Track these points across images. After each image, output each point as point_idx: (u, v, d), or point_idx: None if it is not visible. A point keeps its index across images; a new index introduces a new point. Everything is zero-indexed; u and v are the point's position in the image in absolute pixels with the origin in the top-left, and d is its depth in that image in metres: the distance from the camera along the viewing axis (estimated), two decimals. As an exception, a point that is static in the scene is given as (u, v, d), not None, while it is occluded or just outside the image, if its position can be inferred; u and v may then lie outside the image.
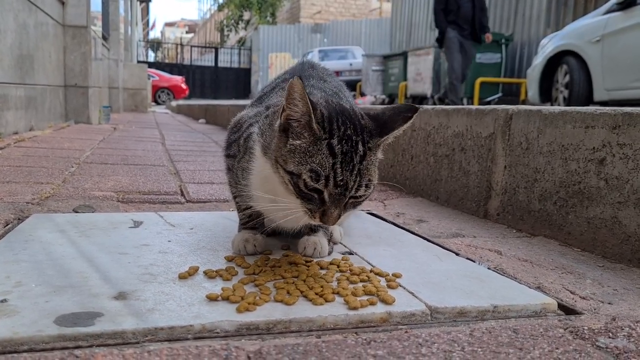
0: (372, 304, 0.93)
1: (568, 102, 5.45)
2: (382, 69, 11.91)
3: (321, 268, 1.13)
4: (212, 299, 0.92)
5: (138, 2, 17.35)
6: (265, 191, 1.07)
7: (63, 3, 5.11)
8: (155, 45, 33.63)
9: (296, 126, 0.97)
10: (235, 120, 1.26)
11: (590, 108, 1.42)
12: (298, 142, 0.97)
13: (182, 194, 1.96)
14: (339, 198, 0.96)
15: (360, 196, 0.99)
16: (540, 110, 1.58)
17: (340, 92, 1.33)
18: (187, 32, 57.84)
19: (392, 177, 2.39)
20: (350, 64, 15.10)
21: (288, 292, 0.96)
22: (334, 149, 0.95)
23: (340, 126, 0.97)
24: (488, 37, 7.03)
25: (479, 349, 0.77)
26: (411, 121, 1.03)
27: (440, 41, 7.07)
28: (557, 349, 0.78)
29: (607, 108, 1.38)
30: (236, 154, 1.18)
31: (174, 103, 14.93)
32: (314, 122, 0.95)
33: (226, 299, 0.92)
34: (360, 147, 0.97)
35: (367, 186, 0.98)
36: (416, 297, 0.98)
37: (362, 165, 0.97)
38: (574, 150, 1.44)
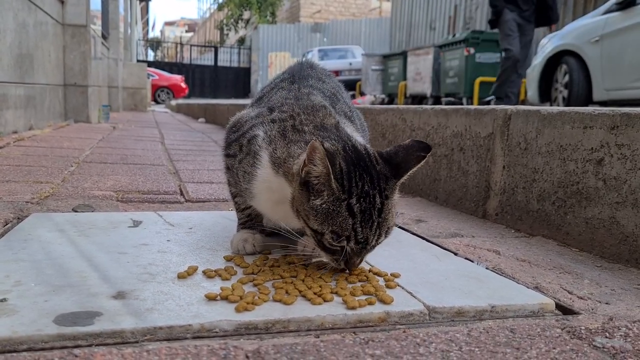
0: (371, 303, 0.93)
1: (567, 102, 5.45)
2: (382, 69, 11.92)
3: (320, 268, 1.13)
4: (211, 298, 0.92)
5: (138, 1, 17.34)
6: (268, 199, 1.10)
7: (62, 2, 5.11)
8: (155, 44, 33.61)
9: (316, 183, 0.98)
10: (235, 119, 1.26)
11: (589, 108, 1.43)
12: (319, 202, 0.98)
13: (182, 194, 1.97)
14: (360, 251, 1.00)
15: (382, 241, 1.03)
16: (539, 110, 1.58)
17: (339, 93, 1.33)
18: (186, 31, 57.83)
19: (391, 177, 2.39)
20: (350, 64, 15.11)
21: (287, 292, 0.96)
22: (353, 209, 0.96)
23: (359, 182, 0.97)
24: (552, 28, 6.10)
25: (477, 349, 0.77)
26: (425, 160, 1.02)
27: (494, 22, 6.10)
28: (554, 348, 0.79)
29: (606, 108, 1.38)
30: (236, 154, 1.18)
31: (173, 102, 14.93)
32: (333, 181, 0.96)
33: (225, 298, 0.92)
34: (378, 200, 0.98)
35: (387, 233, 1.02)
36: (414, 296, 0.99)
37: (382, 218, 0.99)
38: (572, 151, 1.44)
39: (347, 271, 1.05)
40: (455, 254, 1.31)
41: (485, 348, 0.78)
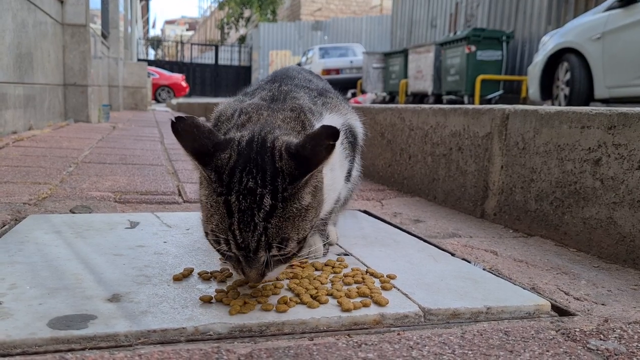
0: (366, 305, 0.93)
1: (569, 99, 5.44)
2: (383, 67, 11.90)
3: (316, 269, 1.13)
4: (205, 301, 0.92)
5: (138, 0, 17.33)
6: None
7: (62, 2, 5.11)
8: (156, 43, 33.61)
9: (201, 173, 0.87)
10: (215, 116, 1.20)
11: (586, 108, 1.42)
12: (202, 192, 0.88)
13: (180, 194, 1.97)
14: (248, 260, 0.86)
15: (283, 255, 0.86)
16: (537, 110, 1.58)
17: (328, 89, 1.32)
18: (187, 30, 57.80)
19: (390, 177, 2.39)
20: (351, 62, 15.07)
21: (285, 303, 0.92)
22: (231, 206, 0.83)
23: (243, 178, 0.84)
24: None
25: (470, 352, 0.77)
26: (334, 149, 0.84)
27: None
28: (547, 351, 0.78)
29: (603, 108, 1.37)
30: None
31: (174, 101, 14.93)
32: (202, 169, 0.85)
33: (219, 301, 0.92)
34: (267, 201, 0.83)
35: (279, 247, 0.84)
36: (410, 298, 0.99)
37: (270, 223, 0.83)
38: (569, 151, 1.44)
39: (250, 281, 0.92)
40: (453, 255, 1.31)
41: (479, 351, 0.78)
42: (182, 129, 0.87)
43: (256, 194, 0.83)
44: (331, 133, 0.83)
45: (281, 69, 1.39)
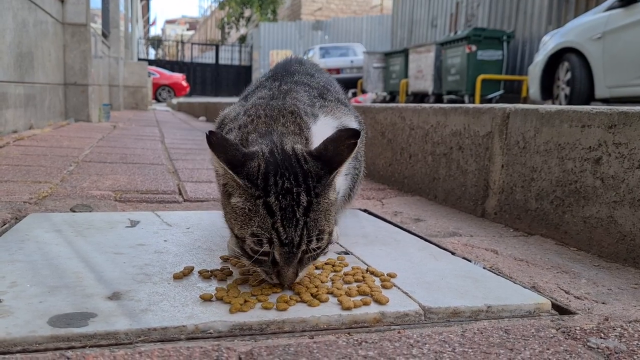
0: (366, 304, 0.93)
1: (569, 99, 5.44)
2: (383, 66, 11.90)
3: (316, 268, 1.13)
4: (205, 299, 0.92)
5: (138, 0, 17.33)
6: None
7: (62, 1, 5.11)
8: (156, 42, 33.61)
9: (226, 182, 0.95)
10: (219, 119, 1.25)
11: (587, 107, 1.42)
12: (236, 200, 0.93)
13: (180, 193, 1.97)
14: (289, 256, 0.91)
15: (316, 249, 0.93)
16: (537, 109, 1.57)
17: (329, 87, 1.32)
18: (187, 30, 57.81)
19: (391, 176, 2.39)
20: (352, 61, 15.08)
21: (285, 302, 0.92)
22: (272, 206, 0.90)
23: (278, 180, 0.91)
24: None
25: (470, 350, 0.77)
26: (357, 147, 0.95)
27: None
28: (547, 349, 0.78)
29: (604, 107, 1.37)
30: None
31: (174, 101, 14.93)
32: (236, 177, 0.91)
33: (220, 299, 0.92)
34: (304, 198, 0.91)
35: (318, 239, 0.92)
36: (410, 297, 0.99)
37: (309, 218, 0.91)
38: (570, 150, 1.44)
39: (283, 285, 0.96)
40: (453, 254, 1.31)
41: (479, 349, 0.78)
42: (216, 141, 0.94)
43: (293, 193, 0.91)
44: (352, 134, 0.95)
45: (282, 61, 1.39)
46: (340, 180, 1.21)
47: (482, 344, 0.79)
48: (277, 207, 0.90)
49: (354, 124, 1.30)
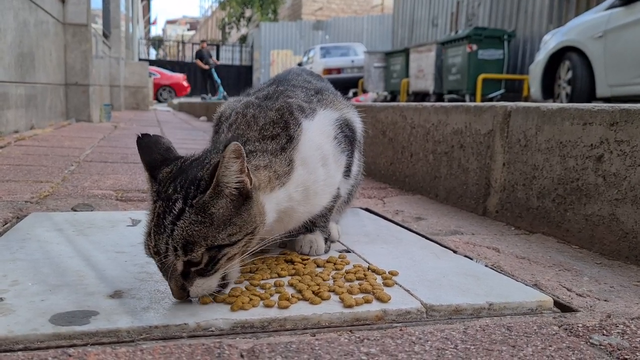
0: (368, 302, 0.93)
1: (571, 98, 5.43)
2: (384, 66, 11.89)
3: (318, 266, 1.13)
4: (206, 300, 0.92)
5: (139, 0, 17.35)
6: None
7: (63, 1, 5.12)
8: (157, 42, 33.63)
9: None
10: (217, 116, 1.24)
11: (588, 105, 1.42)
12: (148, 202, 0.96)
13: (181, 192, 1.97)
14: (163, 267, 0.87)
15: (195, 262, 0.86)
16: (539, 107, 1.57)
17: (327, 89, 1.32)
18: (188, 30, 57.85)
19: (392, 175, 2.38)
20: (352, 61, 15.06)
21: (286, 299, 0.92)
22: (153, 212, 0.89)
23: (169, 187, 0.89)
24: None
25: (472, 347, 0.77)
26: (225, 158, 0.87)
27: None
28: (550, 346, 0.78)
29: (605, 105, 1.37)
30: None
31: (175, 101, 14.94)
32: (149, 182, 0.94)
33: (221, 301, 0.92)
34: (178, 205, 0.86)
35: (186, 250, 0.84)
36: (412, 294, 0.98)
37: (176, 226, 0.84)
38: (572, 147, 1.43)
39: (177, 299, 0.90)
40: (455, 252, 1.31)
41: (481, 346, 0.77)
42: (144, 143, 0.99)
43: (171, 200, 0.88)
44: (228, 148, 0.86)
45: (283, 72, 1.40)
46: (340, 177, 1.21)
47: (484, 341, 0.79)
48: (156, 213, 0.88)
49: (355, 117, 1.30)
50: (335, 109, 1.22)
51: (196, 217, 0.86)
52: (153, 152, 0.98)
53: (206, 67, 15.52)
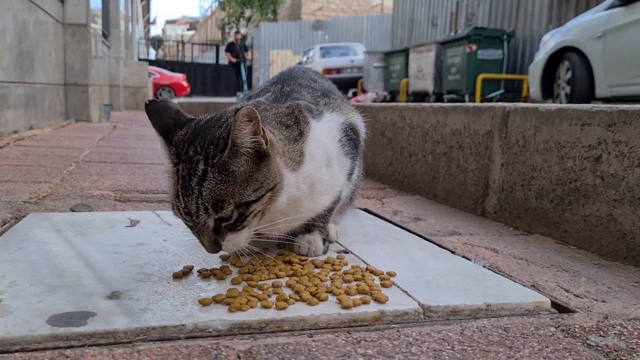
0: (365, 302, 0.93)
1: (570, 98, 5.43)
2: (384, 66, 11.89)
3: (316, 267, 1.13)
4: (204, 301, 0.92)
5: (139, 0, 17.34)
6: None
7: (62, 1, 5.12)
8: (157, 42, 33.63)
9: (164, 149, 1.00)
10: None
11: (586, 106, 1.42)
12: (166, 166, 0.98)
13: (180, 193, 1.97)
14: (195, 226, 0.94)
15: (225, 218, 0.92)
16: (537, 107, 1.57)
17: (332, 90, 1.33)
18: (188, 30, 57.85)
19: (391, 175, 2.38)
20: (352, 61, 15.05)
21: (284, 300, 0.92)
22: (177, 174, 0.93)
23: (189, 148, 0.93)
24: None
25: (469, 348, 0.77)
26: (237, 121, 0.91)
27: None
28: (546, 347, 0.78)
29: (603, 106, 1.37)
30: None
31: (175, 101, 14.92)
32: (164, 143, 0.97)
33: (219, 302, 0.92)
34: (201, 166, 0.91)
35: (217, 208, 0.90)
36: (410, 295, 0.98)
37: (204, 187, 0.90)
38: (570, 148, 1.43)
39: (211, 252, 0.98)
40: (453, 252, 1.31)
41: (478, 347, 0.78)
42: (153, 109, 1.00)
43: (193, 161, 0.92)
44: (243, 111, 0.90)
45: (286, 70, 1.41)
46: (343, 180, 1.21)
47: (481, 342, 0.79)
48: (180, 175, 0.92)
49: (360, 122, 1.31)
50: (342, 113, 1.23)
51: (220, 176, 0.90)
52: (163, 116, 1.00)
53: (234, 60, 14.21)
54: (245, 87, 14.61)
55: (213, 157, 0.91)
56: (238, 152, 0.91)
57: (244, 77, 14.20)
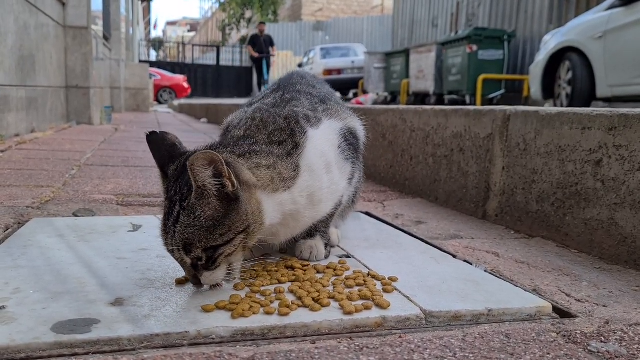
0: (367, 308, 0.94)
1: (571, 98, 5.43)
2: (384, 67, 11.89)
3: (318, 272, 1.14)
4: (207, 307, 0.92)
5: (140, 2, 17.37)
6: None
7: (63, 4, 5.13)
8: (157, 44, 33.66)
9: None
10: (224, 126, 1.27)
11: (587, 109, 1.42)
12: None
13: (182, 196, 1.97)
14: (177, 261, 0.98)
15: (198, 258, 0.94)
16: (538, 111, 1.58)
17: (330, 96, 1.33)
18: (189, 31, 57.90)
19: (392, 178, 2.39)
20: (352, 62, 15.07)
21: (287, 306, 0.92)
22: (164, 208, 0.98)
23: (173, 186, 0.97)
24: None
25: (471, 355, 0.77)
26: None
27: None
28: (548, 354, 0.79)
29: (604, 109, 1.38)
30: None
31: (176, 102, 14.95)
32: (162, 179, 1.02)
33: (222, 308, 0.92)
34: (177, 208, 0.94)
35: (186, 251, 0.93)
36: (411, 301, 0.99)
37: (176, 228, 0.93)
38: (571, 152, 1.44)
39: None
40: (454, 257, 1.31)
41: (480, 354, 0.78)
42: (153, 140, 1.04)
43: (172, 201, 0.96)
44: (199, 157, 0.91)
45: (285, 75, 1.41)
46: (344, 185, 1.22)
47: (482, 349, 0.80)
48: (164, 213, 0.97)
49: (359, 126, 1.32)
50: (340, 119, 1.24)
51: (188, 220, 0.93)
52: (161, 149, 1.03)
53: (256, 54, 12.43)
54: (267, 86, 13.67)
55: (185, 199, 0.94)
56: (203, 195, 0.92)
57: (266, 75, 12.45)
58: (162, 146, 1.03)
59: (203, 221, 0.92)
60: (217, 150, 0.99)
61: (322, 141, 1.15)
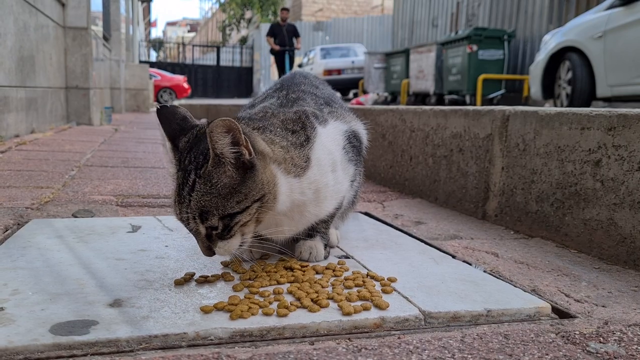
0: (366, 309, 0.94)
1: (571, 98, 5.43)
2: (385, 67, 11.90)
3: (317, 273, 1.14)
4: (206, 310, 0.92)
5: (139, 2, 17.37)
6: None
7: (63, 5, 5.13)
8: (157, 44, 33.66)
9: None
10: None
11: (586, 109, 1.42)
12: (173, 170, 1.04)
13: (181, 197, 1.97)
14: (191, 231, 0.99)
15: (213, 227, 0.96)
16: (537, 111, 1.58)
17: (334, 98, 1.34)
18: (189, 31, 57.92)
19: (392, 178, 2.39)
20: (353, 62, 15.06)
21: (285, 307, 0.92)
22: (177, 179, 0.99)
23: (186, 156, 0.98)
24: None
25: (469, 356, 0.77)
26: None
27: None
28: (546, 355, 0.78)
29: (603, 110, 1.37)
30: None
31: (176, 103, 14.94)
32: (172, 152, 1.02)
33: (221, 309, 0.92)
34: (192, 177, 0.95)
35: (203, 219, 0.95)
36: (410, 301, 0.99)
37: (192, 197, 0.94)
38: (570, 152, 1.44)
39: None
40: (454, 257, 1.31)
41: (478, 355, 0.78)
42: (163, 114, 1.04)
43: (187, 170, 0.96)
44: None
45: (287, 75, 1.42)
46: (347, 186, 1.22)
47: (481, 350, 0.80)
48: (177, 183, 0.98)
49: (362, 129, 1.33)
50: (344, 121, 1.25)
51: (205, 188, 0.94)
52: (172, 122, 1.04)
53: (277, 47, 10.27)
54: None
55: (200, 167, 0.95)
56: (220, 162, 0.94)
57: (287, 71, 9.91)
58: (172, 119, 1.04)
59: (220, 188, 0.94)
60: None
61: (330, 140, 1.16)
